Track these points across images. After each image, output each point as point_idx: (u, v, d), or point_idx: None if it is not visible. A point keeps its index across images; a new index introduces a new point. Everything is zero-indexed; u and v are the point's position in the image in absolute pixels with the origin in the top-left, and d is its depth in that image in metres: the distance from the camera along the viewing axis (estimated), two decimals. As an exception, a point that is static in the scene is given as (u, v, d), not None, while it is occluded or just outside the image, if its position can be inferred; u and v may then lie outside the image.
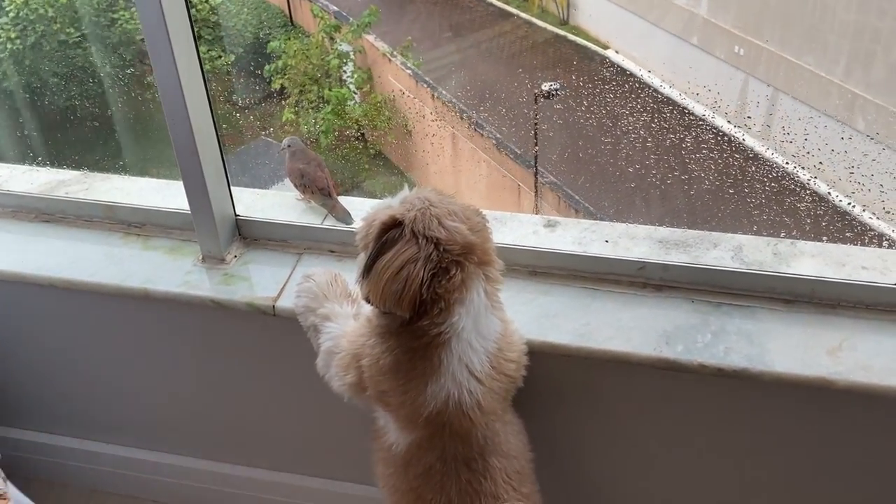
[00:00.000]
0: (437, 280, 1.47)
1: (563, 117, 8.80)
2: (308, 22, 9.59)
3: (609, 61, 9.56)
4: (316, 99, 8.82)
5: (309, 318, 1.79)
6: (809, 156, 7.31)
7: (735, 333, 1.72)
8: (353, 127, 8.96)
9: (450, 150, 9.18)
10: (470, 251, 1.50)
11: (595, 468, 1.95)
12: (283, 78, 8.91)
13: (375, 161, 8.90)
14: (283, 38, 9.21)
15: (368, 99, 9.14)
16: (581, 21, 10.15)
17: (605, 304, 1.82)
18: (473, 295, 1.51)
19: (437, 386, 1.54)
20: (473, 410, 1.55)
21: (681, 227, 1.92)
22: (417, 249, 1.48)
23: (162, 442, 2.27)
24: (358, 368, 1.64)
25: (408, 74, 9.20)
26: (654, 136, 8.36)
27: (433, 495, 1.62)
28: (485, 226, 1.58)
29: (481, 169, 9.05)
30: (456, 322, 1.50)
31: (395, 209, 1.54)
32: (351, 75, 9.32)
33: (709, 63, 8.72)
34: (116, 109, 7.39)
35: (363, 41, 9.28)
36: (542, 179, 8.58)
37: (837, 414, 1.68)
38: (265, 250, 1.99)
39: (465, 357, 1.53)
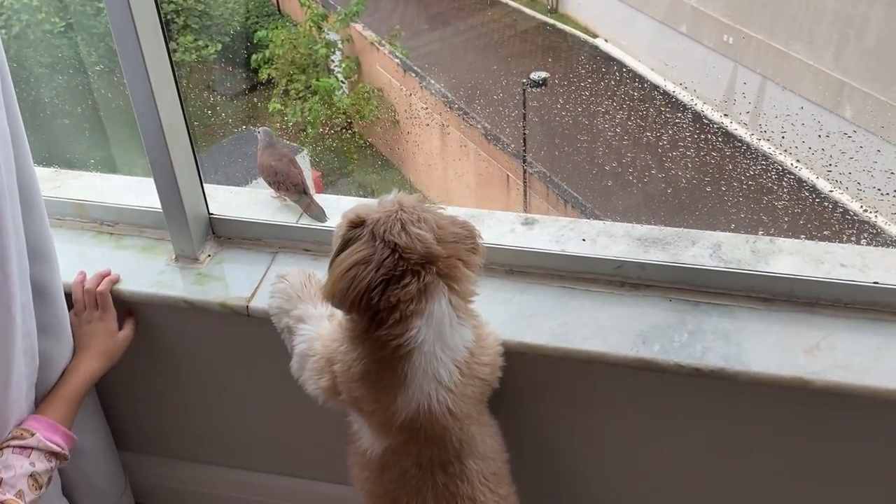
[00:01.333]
0: (391, 287, 1.44)
1: (551, 107, 8.77)
2: (296, 11, 9.52)
3: (598, 50, 9.53)
4: (303, 89, 8.76)
5: (283, 319, 1.77)
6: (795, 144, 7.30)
7: (712, 333, 1.70)
8: (341, 117, 8.92)
9: (438, 140, 9.15)
10: (431, 261, 1.45)
11: (572, 468, 1.93)
12: (271, 68, 8.85)
13: (363, 151, 8.85)
14: (270, 28, 9.15)
15: (356, 89, 9.10)
16: (569, 9, 10.12)
17: (583, 304, 1.80)
18: (434, 307, 1.46)
19: (406, 397, 1.51)
20: (445, 417, 1.53)
21: (668, 216, 1.89)
22: (371, 252, 1.45)
23: (129, 442, 2.25)
24: (331, 372, 1.62)
25: (395, 63, 9.15)
26: (642, 125, 8.34)
27: (409, 499, 1.61)
28: (463, 239, 1.52)
29: (469, 159, 9.03)
30: (415, 335, 1.46)
31: (365, 209, 1.52)
32: (339, 64, 9.27)
33: (697, 51, 8.70)
34: (103, 100, 7.33)
35: (351, 30, 9.23)
36: (530, 169, 8.56)
37: (815, 414, 1.67)
38: (239, 249, 1.96)
39: (430, 369, 1.49)
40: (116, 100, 7.74)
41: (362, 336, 1.52)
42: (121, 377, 2.10)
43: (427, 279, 1.46)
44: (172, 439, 2.23)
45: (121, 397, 2.16)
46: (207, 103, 8.72)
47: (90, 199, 2.04)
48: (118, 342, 1.83)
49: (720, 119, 7.93)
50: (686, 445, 1.81)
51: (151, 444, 2.26)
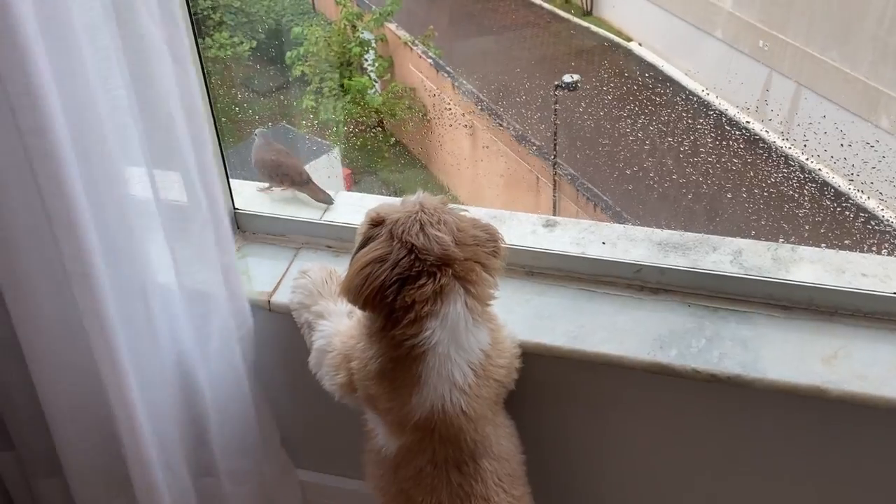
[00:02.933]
0: (406, 287, 1.46)
1: (583, 110, 8.75)
2: (331, 9, 9.56)
3: (632, 54, 9.49)
4: (336, 87, 8.80)
5: (303, 314, 1.79)
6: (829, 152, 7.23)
7: (730, 339, 1.71)
8: (372, 115, 8.95)
9: (468, 141, 9.16)
10: (447, 263, 1.47)
11: (587, 470, 1.94)
12: (304, 65, 8.90)
13: (393, 150, 8.88)
14: (305, 25, 9.20)
15: (388, 88, 9.13)
16: (604, 12, 10.07)
17: (601, 307, 1.81)
18: (450, 309, 1.48)
19: (420, 397, 1.53)
20: (459, 418, 1.55)
21: (699, 223, 1.89)
22: (389, 250, 1.47)
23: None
24: (348, 369, 1.64)
25: (428, 64, 9.17)
26: (674, 130, 8.29)
27: (423, 497, 1.63)
28: (484, 243, 1.54)
29: (500, 160, 9.02)
30: (429, 336, 1.48)
31: (387, 208, 1.54)
32: (372, 63, 9.30)
33: (732, 57, 8.63)
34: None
35: (385, 29, 9.26)
36: (560, 172, 8.54)
37: (830, 423, 1.67)
38: (263, 244, 1.99)
39: (444, 370, 1.51)
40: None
41: (378, 334, 1.54)
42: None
43: (443, 281, 1.48)
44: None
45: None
46: (240, 99, 8.79)
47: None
48: None
49: (753, 125, 7.87)
50: (700, 451, 1.81)
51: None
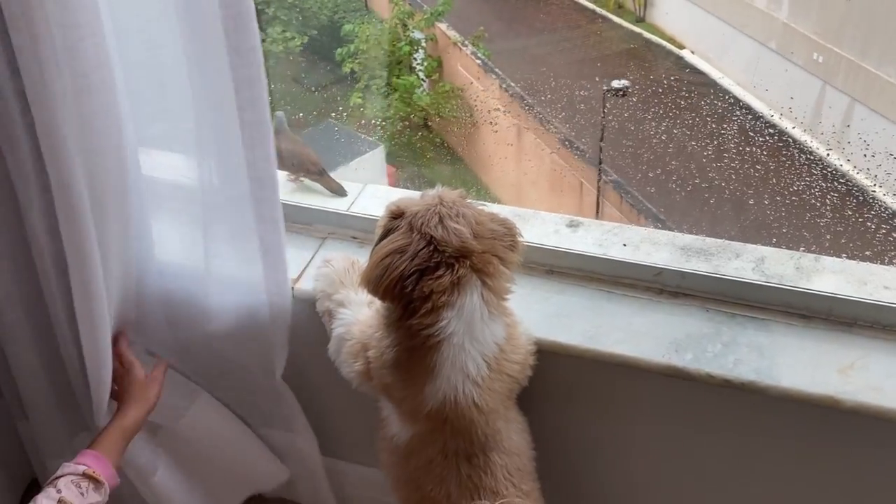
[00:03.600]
0: (424, 278, 1.48)
1: (631, 116, 8.71)
2: (383, 7, 9.64)
3: (683, 62, 9.42)
4: (384, 85, 8.87)
5: (325, 302, 1.83)
6: (882, 168, 7.11)
7: (746, 345, 1.70)
8: (419, 115, 9.00)
9: (514, 143, 9.16)
10: (465, 255, 1.49)
11: (598, 469, 1.95)
12: (354, 62, 8.98)
13: (439, 150, 8.91)
14: (357, 23, 9.28)
15: (436, 87, 9.17)
16: (657, 19, 10.02)
17: (619, 308, 1.82)
18: (466, 300, 1.50)
19: (433, 387, 1.55)
20: (471, 410, 1.57)
21: (746, 236, 1.88)
22: (408, 242, 1.49)
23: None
24: (366, 358, 1.67)
25: (477, 64, 9.20)
26: (724, 140, 8.22)
27: (433, 486, 1.65)
28: (501, 237, 1.56)
29: (544, 164, 9.01)
30: (444, 326, 1.50)
31: (406, 202, 1.57)
32: (421, 63, 9.36)
33: (786, 69, 8.53)
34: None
35: (435, 29, 9.31)
36: (605, 178, 8.50)
37: (844, 434, 1.66)
38: (291, 233, 2.02)
39: (458, 361, 1.53)
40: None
41: (396, 324, 1.57)
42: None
43: (461, 272, 1.50)
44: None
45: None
46: (291, 94, 8.89)
47: (154, 176, 2.13)
48: (150, 386, 1.82)
49: (805, 138, 7.77)
50: (711, 456, 1.81)
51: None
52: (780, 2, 8.65)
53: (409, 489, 1.71)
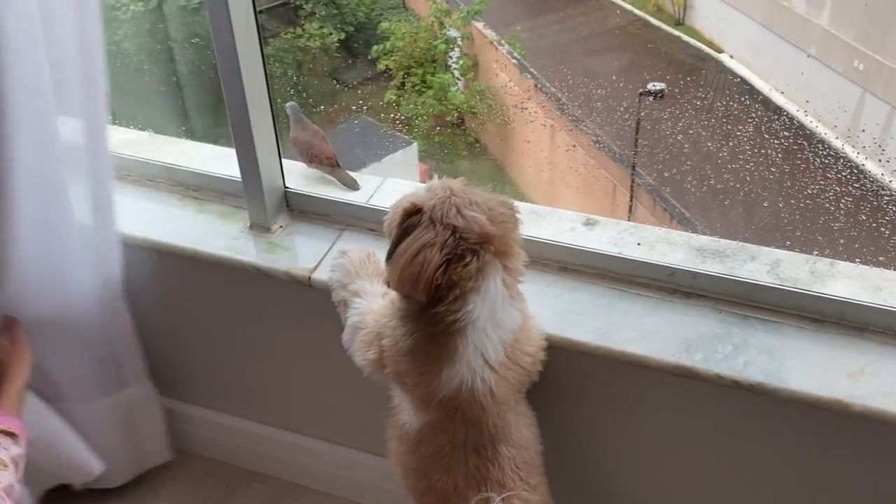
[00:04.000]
0: (452, 266, 1.51)
1: (666, 119, 8.66)
2: (420, 5, 9.68)
3: (721, 65, 9.35)
4: (419, 83, 8.91)
5: (340, 292, 1.85)
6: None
7: (757, 347, 1.70)
8: (453, 113, 9.02)
9: (547, 143, 9.15)
10: (487, 241, 1.53)
11: (605, 466, 1.96)
12: (390, 59, 9.03)
13: (471, 148, 8.94)
14: (393, 20, 9.32)
15: (471, 86, 9.19)
16: (696, 22, 9.94)
17: (632, 307, 1.82)
18: (490, 284, 1.54)
19: (451, 371, 1.57)
20: (485, 398, 1.59)
21: (780, 241, 1.87)
22: (434, 235, 1.52)
23: (199, 395, 2.39)
24: (379, 346, 1.69)
25: (513, 64, 9.20)
26: (760, 146, 8.15)
27: (440, 476, 1.67)
28: (509, 218, 1.60)
29: (577, 164, 9.00)
30: (471, 310, 1.53)
31: (418, 197, 1.59)
32: (456, 61, 9.38)
33: (825, 75, 8.43)
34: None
35: (472, 27, 9.33)
36: (638, 181, 8.47)
37: (852, 438, 1.66)
38: (310, 223, 2.06)
39: (479, 345, 1.56)
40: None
41: (417, 314, 1.59)
42: (188, 332, 2.25)
43: (485, 258, 1.53)
44: (224, 393, 2.36)
45: (186, 350, 2.31)
46: (326, 89, 8.95)
47: (180, 165, 2.17)
48: (19, 348, 1.89)
49: (842, 146, 7.69)
50: (718, 457, 1.81)
51: (203, 396, 2.39)
52: (822, 8, 8.55)
53: (416, 478, 1.73)
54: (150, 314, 2.23)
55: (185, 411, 2.40)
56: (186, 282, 2.13)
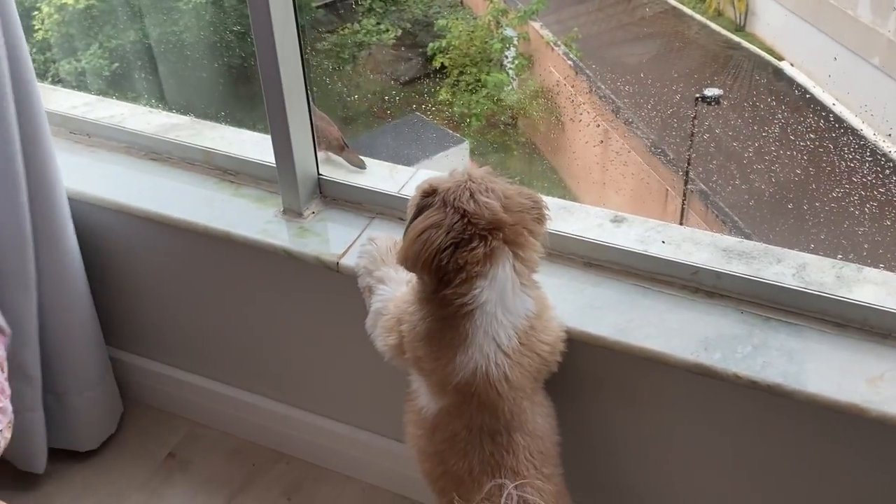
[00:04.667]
0: (459, 250, 1.54)
1: (722, 126, 8.56)
2: (478, 4, 9.68)
3: (781, 73, 9.20)
4: (473, 81, 8.91)
5: (366, 279, 1.89)
6: None
7: (777, 349, 1.70)
8: (506, 113, 9.01)
9: (600, 146, 9.10)
10: (497, 228, 1.55)
11: (619, 460, 1.96)
12: (445, 57, 9.04)
13: (523, 149, 8.92)
14: (450, 18, 9.34)
15: (525, 86, 9.17)
16: (758, 29, 9.79)
17: (654, 304, 1.83)
18: (498, 270, 1.56)
19: (465, 356, 1.60)
20: (500, 383, 1.61)
21: (826, 252, 1.85)
22: (443, 217, 1.55)
23: (226, 374, 2.44)
24: (399, 332, 1.73)
25: (568, 65, 9.15)
26: (819, 156, 8.01)
27: (456, 461, 1.69)
28: (528, 209, 1.61)
29: (630, 168, 8.93)
30: (478, 294, 1.56)
31: (437, 179, 1.62)
32: (512, 61, 9.37)
33: (889, 86, 8.26)
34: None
35: (528, 27, 9.30)
36: (691, 187, 8.38)
37: (868, 443, 1.64)
38: (341, 210, 2.10)
39: (490, 330, 1.58)
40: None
41: (430, 296, 1.62)
42: (216, 313, 2.31)
43: (493, 244, 1.55)
44: (251, 373, 2.41)
45: (213, 329, 2.37)
46: (380, 86, 9.01)
47: (218, 149, 2.23)
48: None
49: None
50: (733, 456, 1.81)
51: (230, 375, 2.45)
52: (887, 17, 8.37)
53: (432, 462, 1.76)
54: (180, 292, 2.30)
55: (213, 389, 2.46)
56: (220, 263, 2.19)
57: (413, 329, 1.67)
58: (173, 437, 2.49)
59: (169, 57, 6.99)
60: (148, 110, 2.39)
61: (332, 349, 2.18)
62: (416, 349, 1.68)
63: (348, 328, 1.99)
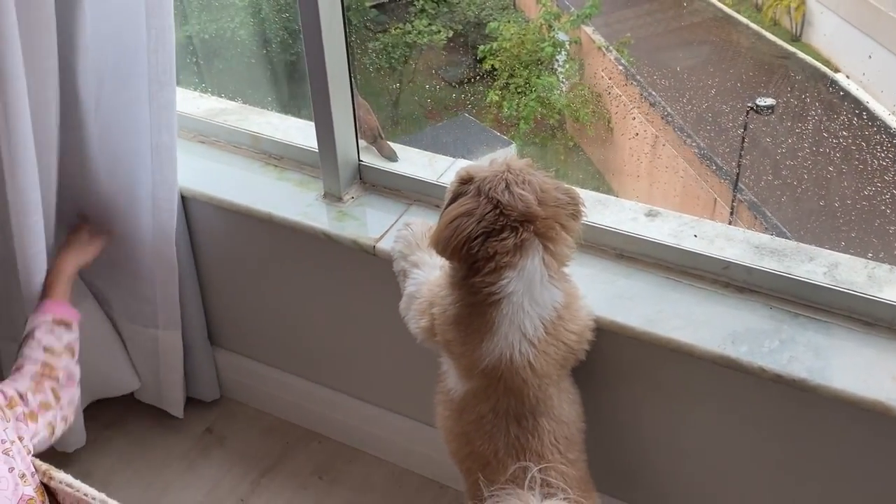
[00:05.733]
0: (489, 239, 1.57)
1: (774, 136, 8.47)
2: (530, 7, 9.69)
3: (837, 86, 9.07)
4: (523, 84, 8.92)
5: (401, 263, 1.93)
6: None
7: (804, 345, 1.71)
8: (555, 117, 9.00)
9: (649, 153, 9.05)
10: (529, 220, 1.58)
11: (644, 449, 1.98)
12: (495, 59, 9.06)
13: (571, 153, 8.92)
14: (502, 21, 9.36)
15: (575, 90, 9.15)
16: (814, 39, 9.66)
17: (683, 296, 1.85)
18: (527, 262, 1.59)
19: (491, 343, 1.64)
20: (525, 370, 1.64)
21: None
22: (476, 205, 1.58)
23: (263, 353, 2.51)
24: (431, 315, 1.76)
25: (619, 71, 9.12)
26: (872, 171, 7.89)
27: (482, 442, 1.73)
28: (564, 204, 1.63)
29: (678, 176, 8.87)
30: (506, 285, 1.59)
31: (475, 168, 1.65)
32: (562, 65, 9.36)
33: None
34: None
35: (580, 32, 9.28)
36: (740, 196, 8.31)
37: (891, 441, 1.65)
38: (380, 196, 2.15)
39: (516, 319, 1.61)
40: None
41: (460, 282, 1.66)
42: (257, 291, 2.38)
43: (524, 236, 1.58)
44: (287, 353, 2.47)
45: (253, 308, 2.44)
46: (430, 85, 9.07)
47: (264, 134, 2.30)
48: (91, 242, 2.11)
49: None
50: (756, 449, 1.82)
51: (267, 354, 2.51)
52: (950, 32, 8.23)
53: (459, 443, 1.79)
54: (221, 270, 2.37)
55: (249, 367, 2.53)
56: (261, 244, 2.25)
57: (444, 313, 1.71)
58: (210, 413, 2.56)
59: (225, 50, 7.11)
60: (199, 94, 2.47)
61: (367, 331, 2.23)
62: (446, 332, 1.71)
63: (383, 311, 2.04)
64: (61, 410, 1.83)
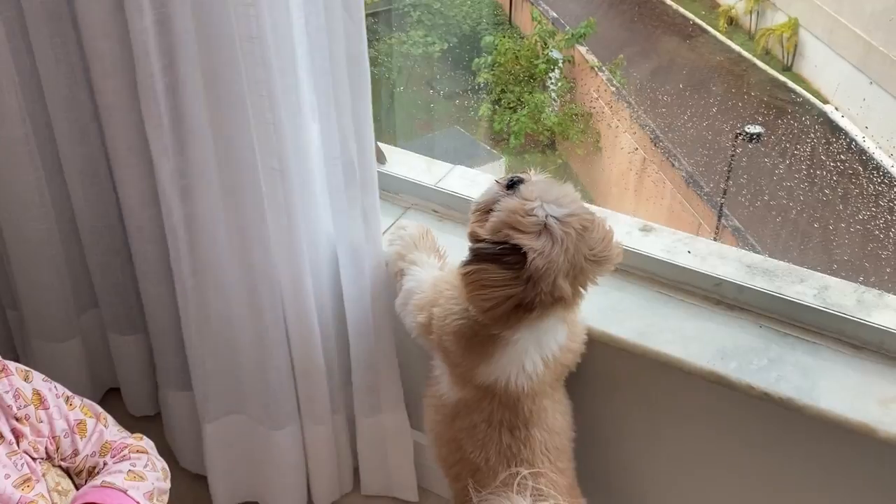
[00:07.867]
0: (518, 308, 1.56)
1: (760, 164, 8.55)
2: (526, 24, 9.77)
3: (825, 116, 9.18)
4: (515, 100, 8.98)
5: (398, 263, 1.93)
6: None
7: (792, 364, 1.73)
8: (545, 134, 9.06)
9: (636, 174, 9.12)
10: (560, 301, 1.57)
11: (628, 460, 1.99)
12: (489, 74, 9.12)
13: (560, 171, 8.97)
14: (497, 36, 9.42)
15: (566, 108, 9.22)
16: (804, 70, 9.78)
17: (675, 311, 1.86)
18: (544, 322, 1.61)
19: (488, 368, 1.65)
20: (522, 392, 1.67)
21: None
22: (521, 290, 1.54)
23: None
24: (430, 312, 1.76)
25: (611, 91, 9.20)
26: (856, 202, 7.99)
27: (473, 449, 1.73)
28: (602, 262, 1.61)
29: (664, 199, 8.94)
30: (516, 338, 1.61)
31: (531, 239, 1.54)
32: (555, 83, 9.42)
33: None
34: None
35: (574, 51, 9.37)
36: (725, 222, 8.38)
37: (874, 463, 1.66)
38: (379, 199, 2.16)
39: (518, 359, 1.64)
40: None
41: None
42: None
43: (552, 312, 1.59)
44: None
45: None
46: (423, 96, 9.10)
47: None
48: None
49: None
50: (740, 466, 1.83)
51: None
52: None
53: (449, 448, 1.79)
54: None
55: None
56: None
57: (444, 318, 1.69)
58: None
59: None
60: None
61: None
62: (444, 340, 1.71)
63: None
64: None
